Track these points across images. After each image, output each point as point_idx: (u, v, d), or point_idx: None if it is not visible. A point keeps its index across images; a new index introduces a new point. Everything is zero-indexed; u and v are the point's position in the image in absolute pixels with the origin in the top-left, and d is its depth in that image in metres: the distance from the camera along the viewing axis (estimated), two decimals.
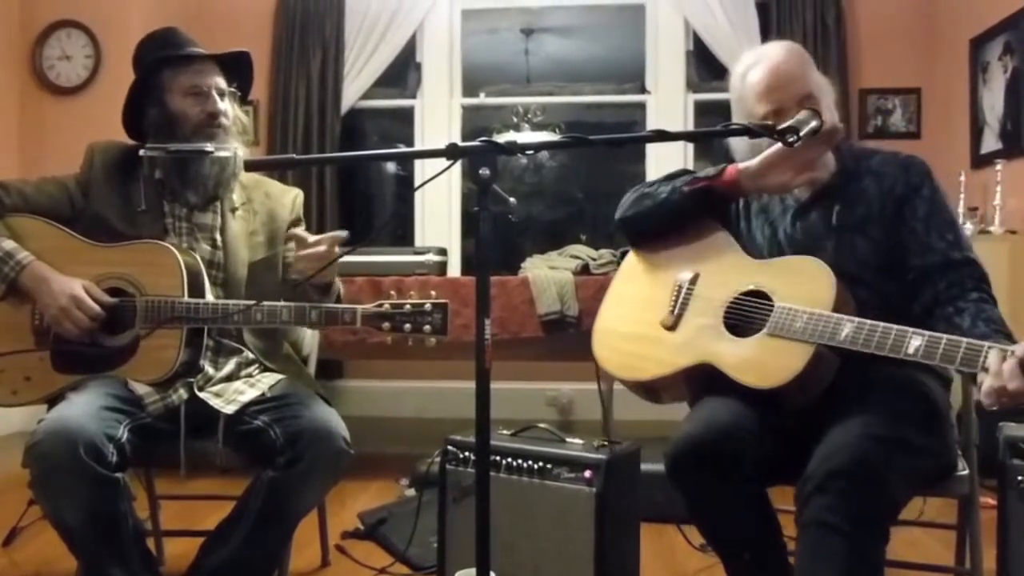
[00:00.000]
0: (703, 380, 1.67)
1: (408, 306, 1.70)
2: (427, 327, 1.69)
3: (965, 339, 1.38)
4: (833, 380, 1.55)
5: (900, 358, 1.43)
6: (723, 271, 1.71)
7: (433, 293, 1.72)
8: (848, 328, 1.49)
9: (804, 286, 1.60)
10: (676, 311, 1.73)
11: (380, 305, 1.71)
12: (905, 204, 1.65)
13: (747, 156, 1.72)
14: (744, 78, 1.73)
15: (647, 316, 1.79)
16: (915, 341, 1.42)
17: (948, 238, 1.62)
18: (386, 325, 1.70)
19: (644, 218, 1.84)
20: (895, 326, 1.45)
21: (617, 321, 1.87)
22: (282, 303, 1.74)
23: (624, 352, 1.82)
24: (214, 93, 1.84)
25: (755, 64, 1.72)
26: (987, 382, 1.33)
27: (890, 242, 1.65)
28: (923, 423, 1.51)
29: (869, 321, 1.48)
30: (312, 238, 1.73)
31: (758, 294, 1.65)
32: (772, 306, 1.60)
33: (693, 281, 1.74)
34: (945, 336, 1.40)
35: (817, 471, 1.42)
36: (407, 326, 1.70)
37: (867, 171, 1.71)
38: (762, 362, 1.57)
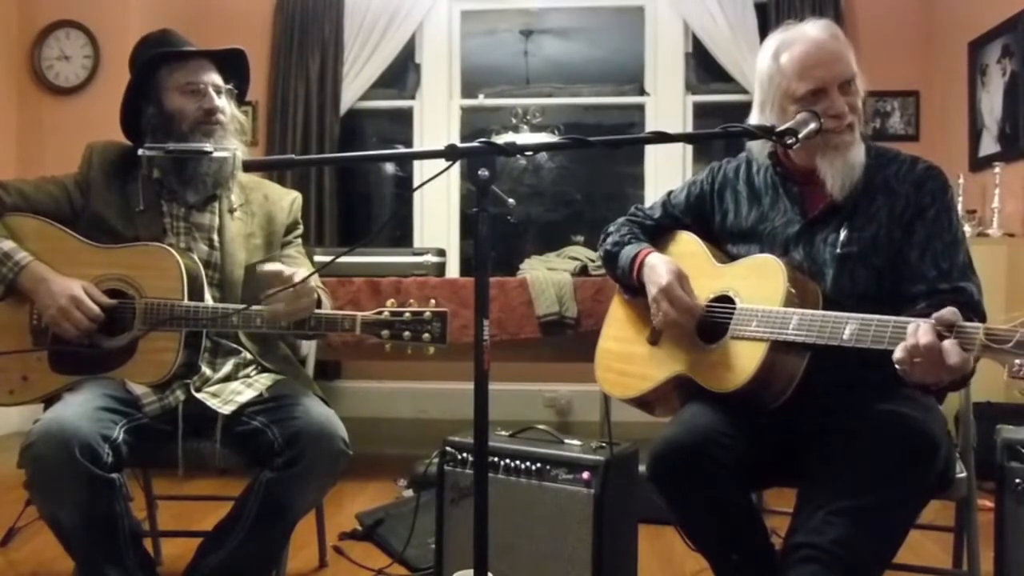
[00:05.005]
0: (687, 389, 1.69)
1: (408, 314, 1.70)
2: (426, 335, 1.68)
3: (894, 318, 1.39)
4: (820, 399, 1.53)
5: (887, 384, 1.43)
6: (694, 279, 1.70)
7: (433, 301, 1.72)
8: (795, 320, 1.51)
9: (761, 286, 1.61)
10: (655, 324, 1.75)
11: (380, 312, 1.70)
12: (909, 227, 1.61)
13: (760, 153, 1.74)
14: (777, 57, 1.64)
15: (635, 334, 1.84)
16: (850, 327, 1.43)
17: (942, 266, 1.57)
18: (385, 332, 1.70)
19: (614, 279, 1.92)
20: (834, 313, 1.47)
21: (611, 341, 1.91)
22: None
23: (616, 371, 1.86)
24: (211, 90, 1.84)
25: (792, 42, 1.64)
26: (902, 342, 1.33)
27: (892, 270, 1.61)
28: (905, 480, 1.44)
29: (811, 311, 1.51)
30: (285, 272, 1.65)
31: (726, 298, 1.67)
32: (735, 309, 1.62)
33: None
34: (876, 317, 1.40)
35: (795, 541, 1.44)
36: (406, 334, 1.69)
37: (882, 186, 1.64)
38: (725, 365, 1.59)
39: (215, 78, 1.86)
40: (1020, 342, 1.22)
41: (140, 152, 1.80)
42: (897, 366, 1.34)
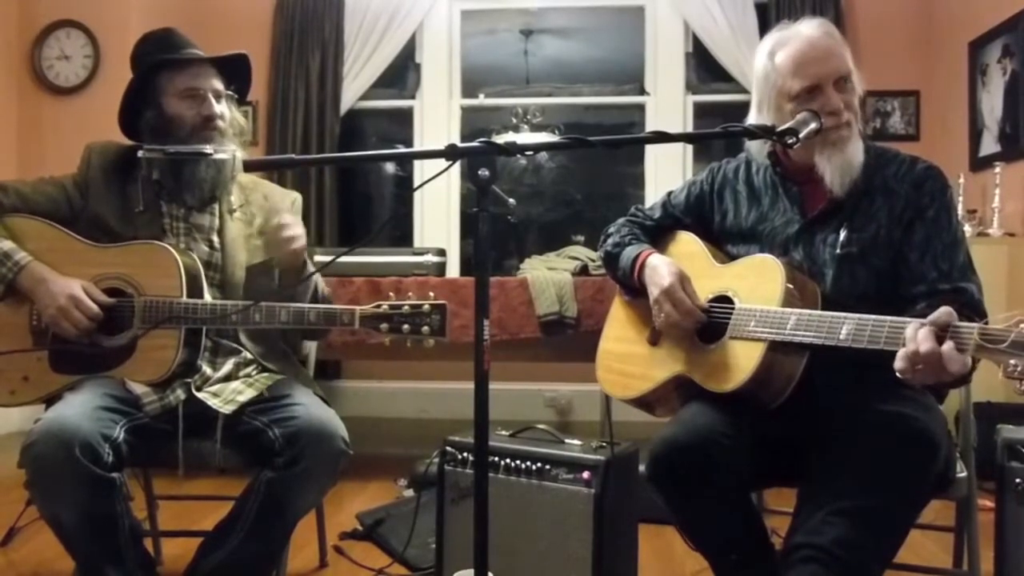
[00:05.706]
0: (687, 389, 1.68)
1: (406, 307, 1.69)
2: (425, 328, 1.68)
3: (890, 318, 1.38)
4: (820, 399, 1.52)
5: (887, 385, 1.43)
6: (694, 279, 1.70)
7: (431, 294, 1.72)
8: (793, 320, 1.51)
9: (759, 285, 1.61)
10: (657, 326, 1.75)
11: (378, 306, 1.70)
12: (908, 227, 1.61)
13: (759, 153, 1.74)
14: (773, 56, 1.65)
15: (635, 335, 1.84)
16: (846, 326, 1.43)
17: (942, 267, 1.57)
18: (384, 326, 1.69)
19: (615, 279, 1.91)
20: (831, 313, 1.47)
21: (612, 342, 1.91)
22: (280, 304, 1.74)
23: (616, 371, 1.86)
24: (211, 96, 1.84)
25: (787, 40, 1.64)
26: (902, 349, 1.32)
27: (892, 271, 1.61)
28: (905, 480, 1.44)
29: (808, 311, 1.51)
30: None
31: (725, 298, 1.67)
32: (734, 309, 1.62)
33: None
34: (873, 317, 1.40)
35: (795, 541, 1.44)
36: (405, 327, 1.69)
37: (881, 187, 1.64)
38: (724, 365, 1.59)
39: (216, 83, 1.86)
40: (1015, 342, 1.22)
41: (140, 154, 1.80)
42: (899, 375, 1.33)
